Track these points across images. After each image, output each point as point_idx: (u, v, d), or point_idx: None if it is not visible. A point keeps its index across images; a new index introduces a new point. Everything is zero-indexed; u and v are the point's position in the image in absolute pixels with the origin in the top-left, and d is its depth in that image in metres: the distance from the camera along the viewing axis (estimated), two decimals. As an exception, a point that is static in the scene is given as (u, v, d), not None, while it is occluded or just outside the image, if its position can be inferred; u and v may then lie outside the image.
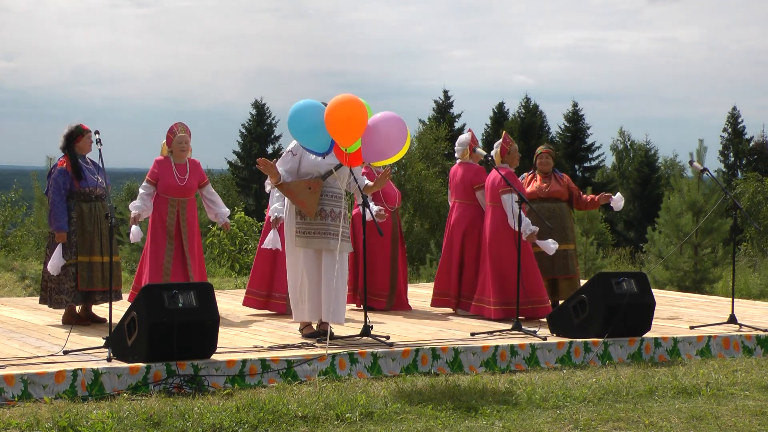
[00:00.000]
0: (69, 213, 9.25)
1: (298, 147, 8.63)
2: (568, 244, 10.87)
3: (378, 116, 8.25)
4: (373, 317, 9.58)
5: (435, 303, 10.76)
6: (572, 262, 10.92)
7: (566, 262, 10.88)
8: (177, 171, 9.86)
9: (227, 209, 10.17)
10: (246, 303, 10.38)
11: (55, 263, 9.15)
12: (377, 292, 10.65)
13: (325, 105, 8.19)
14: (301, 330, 8.82)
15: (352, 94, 8.16)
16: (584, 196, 11.18)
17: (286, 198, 8.73)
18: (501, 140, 10.38)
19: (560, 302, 10.82)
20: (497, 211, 10.15)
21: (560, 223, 10.86)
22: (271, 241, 9.93)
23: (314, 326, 8.77)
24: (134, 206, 9.76)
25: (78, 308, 9.48)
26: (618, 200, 10.86)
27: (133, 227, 9.69)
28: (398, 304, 10.76)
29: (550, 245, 9.89)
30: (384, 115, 8.27)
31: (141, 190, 9.89)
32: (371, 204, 9.97)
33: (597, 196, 11.15)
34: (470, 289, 10.41)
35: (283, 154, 8.72)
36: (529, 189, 10.95)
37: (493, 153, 10.14)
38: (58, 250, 9.16)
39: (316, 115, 8.18)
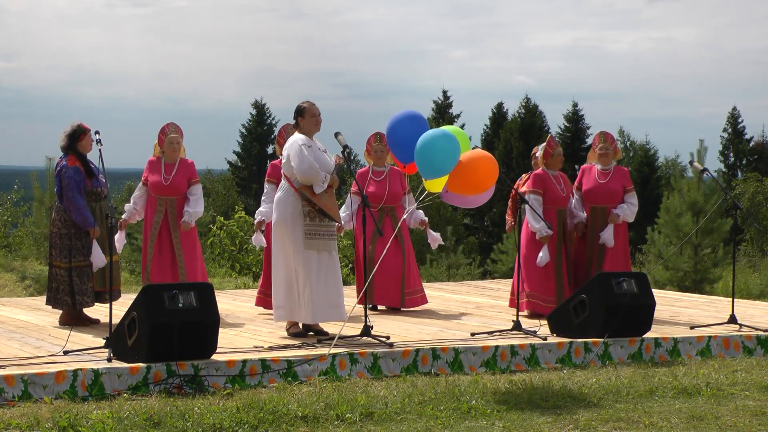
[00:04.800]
0: None
1: (307, 139, 8.61)
2: None
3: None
4: (373, 317, 9.57)
5: None
6: None
7: None
8: (164, 170, 9.91)
9: (199, 210, 9.86)
10: (258, 303, 10.43)
11: (100, 259, 9.11)
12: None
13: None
14: (288, 329, 8.82)
15: (490, 157, 8.18)
16: None
17: (273, 201, 8.76)
18: (545, 143, 10.41)
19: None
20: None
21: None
22: (255, 239, 10.17)
23: (300, 326, 8.79)
24: (127, 209, 9.95)
25: None
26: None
27: (117, 235, 9.64)
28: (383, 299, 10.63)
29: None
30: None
31: (135, 192, 10.07)
32: (419, 214, 10.75)
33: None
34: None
35: (300, 149, 8.44)
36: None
37: (537, 155, 10.49)
38: (97, 246, 9.13)
39: (454, 151, 8.04)
